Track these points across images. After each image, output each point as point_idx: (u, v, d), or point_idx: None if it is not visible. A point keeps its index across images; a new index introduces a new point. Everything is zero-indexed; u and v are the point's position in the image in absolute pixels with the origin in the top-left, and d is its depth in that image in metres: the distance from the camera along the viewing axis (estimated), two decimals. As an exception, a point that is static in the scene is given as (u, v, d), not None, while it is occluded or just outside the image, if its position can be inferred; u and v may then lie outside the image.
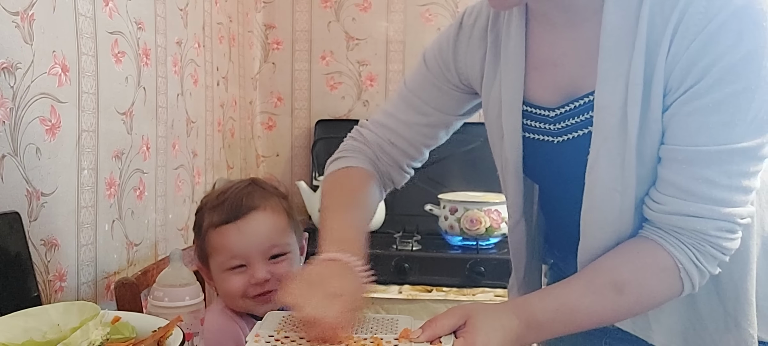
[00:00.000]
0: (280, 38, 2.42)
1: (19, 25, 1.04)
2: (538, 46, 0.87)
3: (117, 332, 0.80)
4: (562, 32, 0.84)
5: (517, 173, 0.91)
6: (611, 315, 0.81)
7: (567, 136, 0.85)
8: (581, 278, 0.80)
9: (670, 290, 0.78)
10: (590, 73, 0.80)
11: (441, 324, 0.75)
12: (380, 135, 1.02)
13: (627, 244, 0.81)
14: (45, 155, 1.11)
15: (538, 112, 0.87)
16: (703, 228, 0.75)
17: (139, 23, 1.44)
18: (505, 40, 0.89)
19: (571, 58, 0.84)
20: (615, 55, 0.78)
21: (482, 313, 0.76)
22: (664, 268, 0.77)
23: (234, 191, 1.02)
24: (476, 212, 1.86)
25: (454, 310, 0.77)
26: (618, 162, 0.78)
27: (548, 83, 0.86)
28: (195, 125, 1.80)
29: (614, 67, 0.78)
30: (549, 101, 0.86)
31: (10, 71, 1.02)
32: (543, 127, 0.88)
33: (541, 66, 0.87)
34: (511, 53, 0.88)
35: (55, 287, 1.15)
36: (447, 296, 1.73)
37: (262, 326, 0.81)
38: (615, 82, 0.77)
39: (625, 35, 0.77)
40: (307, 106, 2.43)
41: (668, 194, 0.76)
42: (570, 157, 0.85)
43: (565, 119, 0.85)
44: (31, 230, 1.07)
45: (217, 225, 1.00)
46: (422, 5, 2.36)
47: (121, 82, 1.37)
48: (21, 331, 0.77)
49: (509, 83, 0.88)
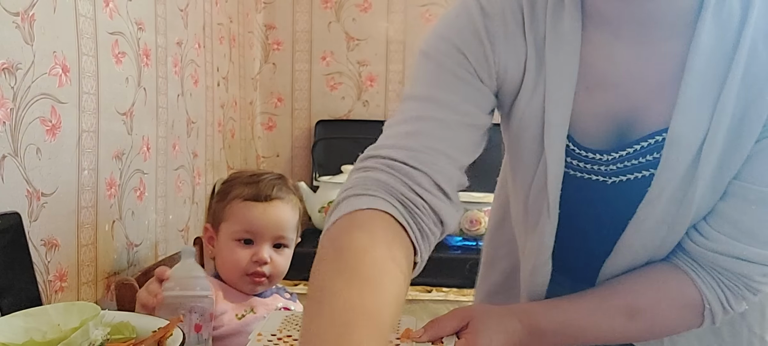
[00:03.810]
0: (280, 39, 2.42)
1: (20, 25, 1.04)
2: (594, 60, 0.71)
3: (117, 332, 0.80)
4: (630, 47, 0.69)
5: (553, 212, 0.75)
6: (619, 338, 0.76)
7: (624, 178, 0.73)
8: (595, 296, 0.76)
9: (687, 325, 0.75)
10: (660, 103, 0.68)
11: (443, 325, 0.74)
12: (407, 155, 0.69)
13: (653, 269, 0.75)
14: (45, 156, 1.11)
15: (586, 153, 0.73)
16: (749, 273, 0.70)
17: (139, 24, 1.44)
18: (554, 44, 0.71)
19: (638, 80, 0.69)
20: (702, 84, 0.66)
21: (485, 315, 0.75)
22: (687, 304, 0.73)
23: (267, 178, 1.17)
24: (476, 212, 1.86)
25: (456, 311, 0.76)
26: (677, 198, 0.70)
27: (600, 109, 0.72)
28: (195, 126, 1.81)
29: (699, 99, 0.66)
30: (596, 132, 0.72)
31: (11, 72, 1.02)
32: (592, 168, 0.74)
33: (596, 86, 0.71)
34: (563, 64, 0.70)
35: (55, 288, 1.15)
36: (447, 296, 1.74)
37: (264, 325, 0.81)
38: (696, 118, 0.66)
39: (720, 61, 0.65)
40: (307, 107, 2.43)
41: (723, 231, 0.70)
42: (617, 199, 0.74)
43: (624, 161, 0.72)
44: (31, 230, 1.07)
45: (245, 198, 1.14)
46: (422, 5, 2.36)
47: (122, 82, 1.37)
48: (21, 331, 0.77)
49: (556, 105, 0.71)
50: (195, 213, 1.81)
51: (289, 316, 0.85)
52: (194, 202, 1.81)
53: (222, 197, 1.19)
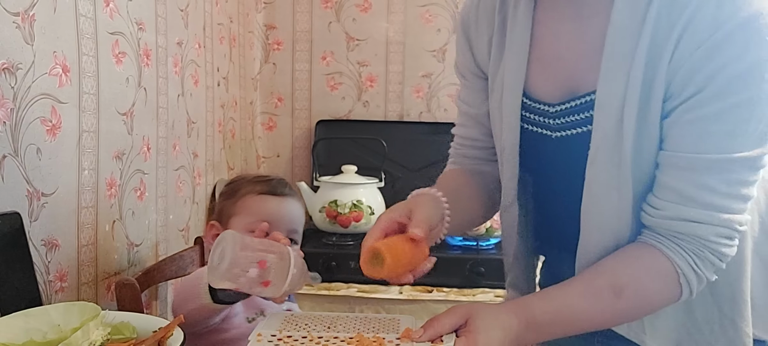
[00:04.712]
0: (280, 39, 2.42)
1: (20, 25, 1.04)
2: (544, 37, 0.87)
3: (117, 333, 0.80)
4: (569, 25, 0.84)
5: (513, 159, 0.91)
6: (610, 319, 0.81)
7: (565, 133, 0.85)
8: (581, 280, 0.81)
9: (668, 295, 0.79)
10: (593, 71, 0.80)
11: (442, 323, 0.76)
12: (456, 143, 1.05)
13: (626, 249, 0.81)
14: (46, 156, 1.11)
15: (538, 106, 0.88)
16: (703, 234, 0.76)
17: (139, 24, 1.44)
18: (512, 25, 0.89)
19: (576, 53, 0.84)
20: (619, 54, 0.78)
21: (483, 312, 0.77)
22: (663, 273, 0.77)
23: (275, 178, 1.23)
24: (477, 213, 1.86)
25: (454, 309, 0.78)
26: (615, 160, 0.79)
27: (550, 77, 0.87)
28: (195, 126, 1.81)
29: (617, 66, 0.78)
30: (550, 95, 0.86)
31: (11, 72, 1.02)
32: (542, 120, 0.88)
33: (545, 58, 0.87)
34: (516, 40, 0.88)
35: (55, 288, 1.15)
36: (447, 296, 1.73)
37: (263, 325, 0.81)
38: (616, 81, 0.78)
39: (631, 35, 0.77)
40: (307, 107, 2.43)
41: (668, 199, 0.77)
42: (567, 154, 0.86)
43: (564, 116, 0.85)
44: (31, 230, 1.07)
45: (260, 193, 1.18)
46: (422, 6, 2.36)
47: (122, 82, 1.37)
48: (22, 331, 0.77)
49: (511, 70, 0.88)
50: (195, 213, 1.81)
51: (288, 316, 0.85)
52: (195, 202, 1.81)
53: (231, 195, 1.21)
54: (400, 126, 2.35)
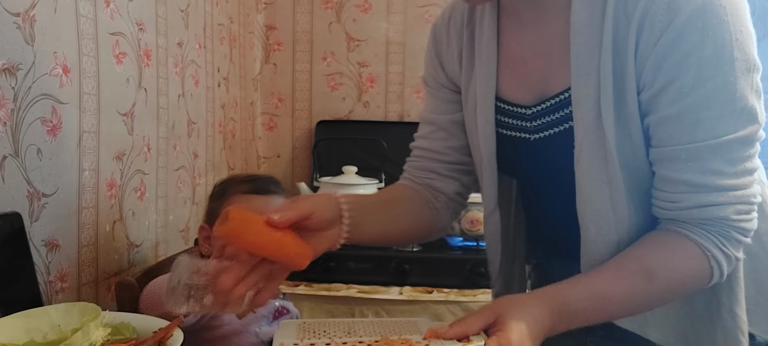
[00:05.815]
0: (280, 39, 2.42)
1: (21, 26, 1.04)
2: (509, 44, 0.89)
3: (118, 333, 0.80)
4: (532, 30, 0.86)
5: (490, 166, 0.93)
6: (643, 302, 0.81)
7: (544, 133, 0.86)
8: (611, 266, 0.81)
9: (700, 277, 0.80)
10: (561, 71, 0.82)
11: (469, 322, 0.74)
12: (413, 156, 1.04)
13: (653, 235, 0.82)
14: (46, 156, 1.11)
15: (514, 109, 0.89)
16: (725, 214, 0.77)
17: (140, 24, 1.44)
18: (479, 36, 0.92)
19: (542, 55, 0.86)
20: (585, 52, 0.80)
21: (513, 308, 0.75)
22: (692, 255, 0.78)
23: (263, 177, 1.26)
24: (476, 213, 1.86)
25: (484, 309, 0.76)
26: (600, 155, 0.80)
27: (520, 81, 0.88)
28: (196, 126, 1.81)
29: (585, 63, 0.80)
30: (523, 99, 0.88)
31: (12, 72, 1.02)
32: (519, 124, 0.89)
33: (513, 63, 0.89)
34: (484, 49, 0.91)
35: (56, 288, 1.15)
36: (448, 297, 1.73)
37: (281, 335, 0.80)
38: (587, 78, 0.80)
39: (593, 32, 0.79)
40: (307, 107, 2.43)
41: (681, 191, 0.78)
42: (548, 154, 0.87)
43: (541, 117, 0.86)
44: (32, 230, 1.07)
45: (245, 192, 1.20)
46: (422, 6, 2.36)
47: (122, 83, 1.37)
48: (22, 332, 0.77)
49: (482, 79, 0.91)
50: (195, 214, 1.81)
51: (301, 324, 0.84)
52: (195, 202, 1.81)
53: (218, 196, 1.22)
54: (401, 126, 2.35)
